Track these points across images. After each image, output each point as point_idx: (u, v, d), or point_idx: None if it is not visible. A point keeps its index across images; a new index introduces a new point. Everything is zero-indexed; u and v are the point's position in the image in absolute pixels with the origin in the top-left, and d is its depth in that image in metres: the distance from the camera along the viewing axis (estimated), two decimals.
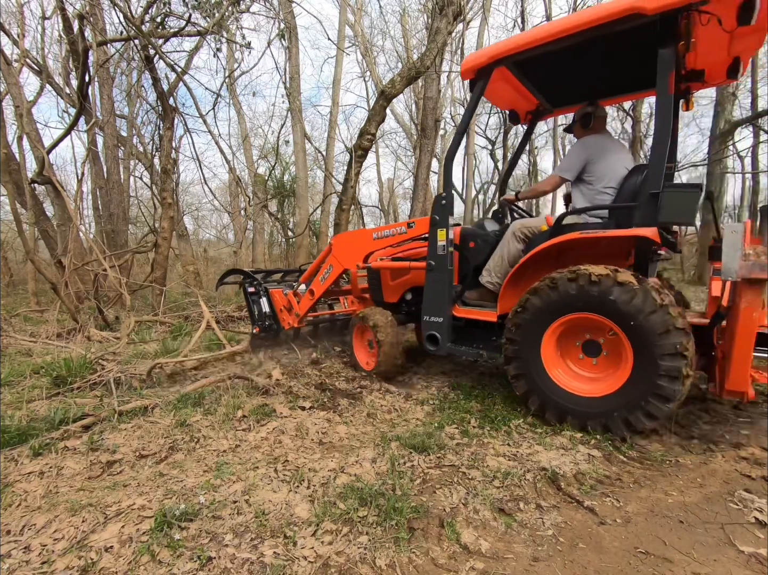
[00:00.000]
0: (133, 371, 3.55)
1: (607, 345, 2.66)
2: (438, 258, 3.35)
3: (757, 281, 2.21)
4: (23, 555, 1.61)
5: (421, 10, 13.08)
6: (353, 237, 4.15)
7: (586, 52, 2.93)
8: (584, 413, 2.64)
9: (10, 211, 5.64)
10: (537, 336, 2.78)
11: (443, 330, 3.38)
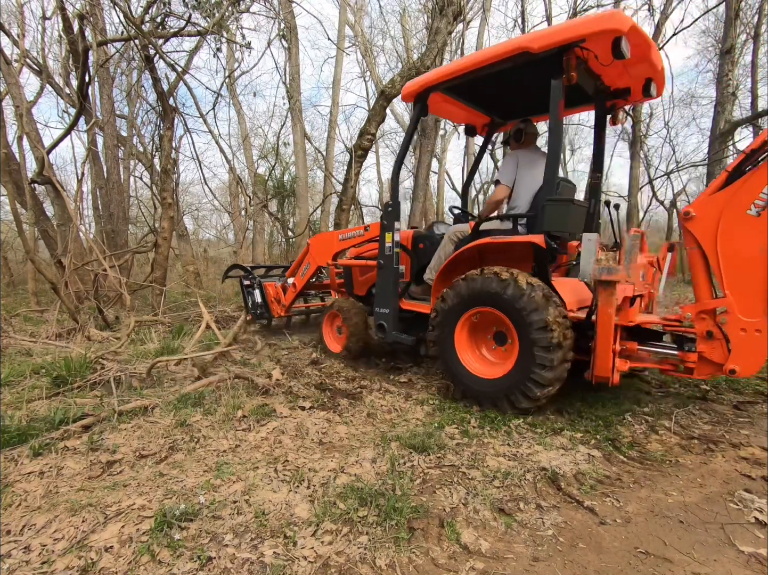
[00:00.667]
0: (133, 371, 3.55)
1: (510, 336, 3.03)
2: (386, 257, 3.79)
3: (608, 283, 2.51)
4: (23, 555, 1.61)
5: (421, 10, 13.07)
6: (324, 238, 4.72)
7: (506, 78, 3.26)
8: (481, 392, 3.06)
9: (10, 211, 5.63)
10: (452, 325, 3.20)
11: (389, 320, 3.83)
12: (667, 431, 2.66)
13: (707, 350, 2.54)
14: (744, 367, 2.43)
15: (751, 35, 13.11)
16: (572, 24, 2.78)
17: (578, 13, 10.71)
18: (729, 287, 2.43)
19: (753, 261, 2.38)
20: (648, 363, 2.86)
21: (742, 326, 2.40)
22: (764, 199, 2.33)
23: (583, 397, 3.18)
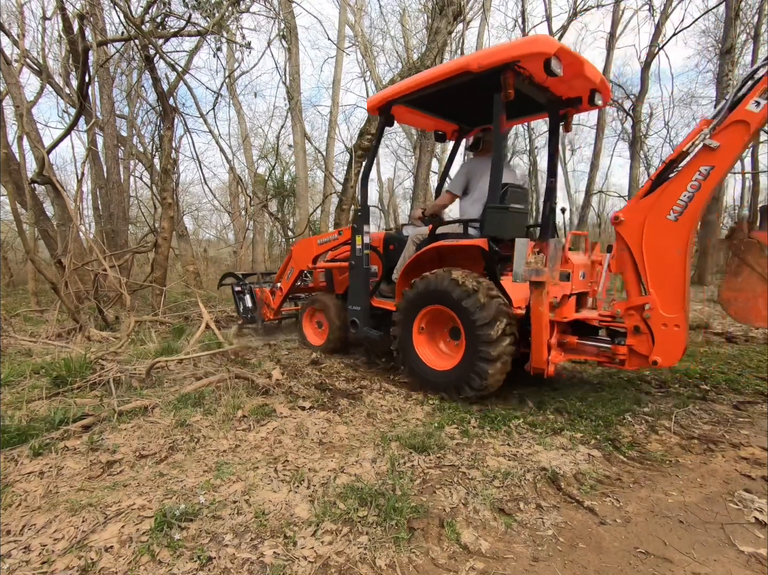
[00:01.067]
0: (133, 371, 3.55)
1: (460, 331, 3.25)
2: (357, 259, 4.06)
3: (537, 283, 2.76)
4: (23, 555, 1.61)
5: (421, 10, 13.07)
6: (304, 243, 4.97)
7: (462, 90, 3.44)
8: (434, 382, 3.33)
9: (10, 211, 5.63)
10: (410, 321, 3.48)
11: (361, 316, 4.10)
12: (667, 431, 2.66)
13: (635, 343, 2.74)
14: (665, 359, 2.64)
15: (751, 35, 13.11)
16: (506, 47, 3.02)
17: (578, 13, 10.72)
18: (653, 286, 2.65)
19: (672, 262, 2.62)
20: (586, 355, 3.10)
21: (663, 321, 2.62)
22: (681, 206, 2.55)
23: (583, 397, 3.18)
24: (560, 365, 4.13)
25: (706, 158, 2.49)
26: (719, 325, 5.85)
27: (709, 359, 4.21)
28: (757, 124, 2.37)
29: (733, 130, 2.43)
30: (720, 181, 2.60)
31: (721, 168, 2.49)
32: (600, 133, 16.77)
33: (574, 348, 3.08)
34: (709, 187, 2.50)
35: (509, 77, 2.96)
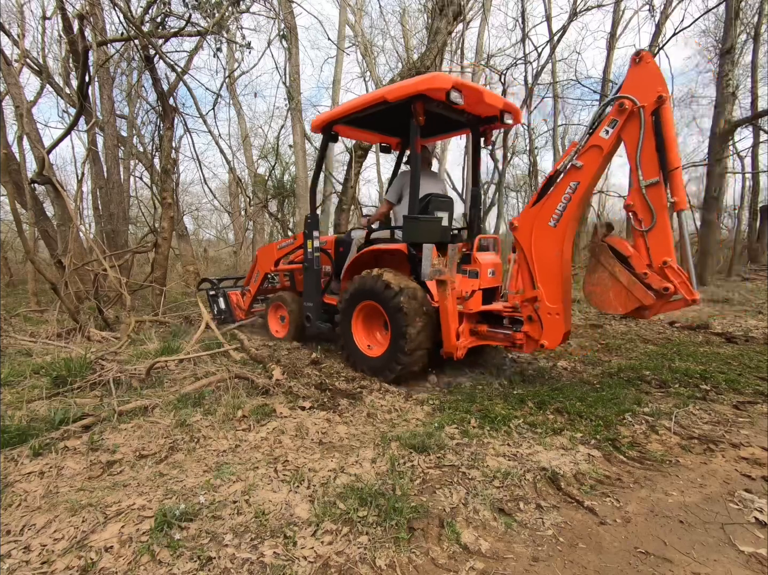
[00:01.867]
0: (132, 371, 3.55)
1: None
2: (309, 261, 4.59)
3: (441, 282, 3.25)
4: (23, 555, 1.61)
5: (421, 10, 13.07)
6: (267, 249, 5.59)
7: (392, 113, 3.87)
8: (367, 366, 3.84)
9: (10, 211, 5.63)
10: (350, 315, 3.99)
11: (314, 311, 4.62)
12: (667, 431, 2.66)
13: (530, 330, 3.29)
14: (550, 342, 3.20)
15: (751, 35, 13.11)
16: (412, 82, 3.53)
17: (578, 13, 10.71)
18: (540, 281, 3.18)
19: (553, 263, 3.14)
20: (495, 341, 3.66)
21: (548, 311, 3.17)
22: (558, 214, 3.09)
23: (583, 397, 3.18)
24: (560, 366, 4.13)
25: (574, 175, 3.04)
26: (719, 325, 5.85)
27: (709, 359, 4.21)
28: (607, 148, 2.93)
29: (591, 153, 2.98)
30: (586, 193, 3.07)
31: (584, 183, 3.01)
32: None
33: (485, 335, 3.66)
34: (577, 198, 3.03)
35: (418, 106, 3.51)
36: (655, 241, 2.76)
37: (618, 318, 6.62)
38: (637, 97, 2.76)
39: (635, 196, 2.83)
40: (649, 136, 2.74)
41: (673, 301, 2.78)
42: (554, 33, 12.07)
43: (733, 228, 19.64)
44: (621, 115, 2.83)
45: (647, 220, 2.78)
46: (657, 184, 2.73)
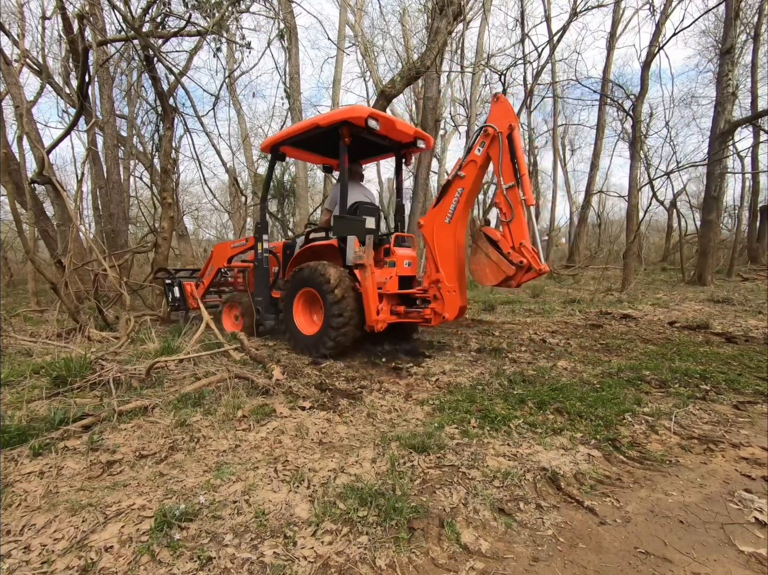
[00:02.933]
0: (132, 371, 3.55)
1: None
2: (259, 260, 5.27)
3: (361, 266, 4.05)
4: (23, 555, 1.61)
5: (421, 10, 13.06)
6: (221, 246, 6.12)
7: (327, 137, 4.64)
8: (303, 344, 4.53)
9: (10, 211, 5.62)
10: (291, 300, 4.70)
11: (263, 305, 5.26)
12: (667, 431, 2.66)
13: (436, 306, 4.10)
14: (450, 314, 4.03)
15: (751, 35, 13.11)
16: (337, 112, 4.32)
17: (578, 13, 10.71)
18: (441, 266, 4.05)
19: (449, 251, 4.03)
20: (411, 319, 4.39)
21: (447, 289, 4.01)
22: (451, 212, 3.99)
23: (583, 397, 3.17)
24: (560, 366, 4.13)
25: (460, 183, 3.97)
26: (719, 325, 5.85)
27: (709, 359, 4.21)
28: (480, 161, 3.85)
29: (470, 166, 3.91)
30: (469, 195, 3.97)
31: (467, 188, 3.93)
32: (600, 133, 16.77)
33: (403, 314, 4.40)
34: (463, 200, 3.95)
35: (344, 130, 4.26)
36: (515, 228, 3.59)
37: (618, 318, 6.62)
38: (497, 125, 3.71)
39: (500, 196, 3.69)
40: (506, 152, 3.65)
41: (529, 273, 3.57)
42: (554, 33, 12.07)
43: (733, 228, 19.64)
44: (487, 138, 3.79)
45: (508, 213, 3.61)
46: (513, 187, 3.59)
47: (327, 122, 4.30)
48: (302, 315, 4.69)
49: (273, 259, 5.45)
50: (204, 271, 6.41)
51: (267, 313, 5.22)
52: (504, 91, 10.95)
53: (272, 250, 5.44)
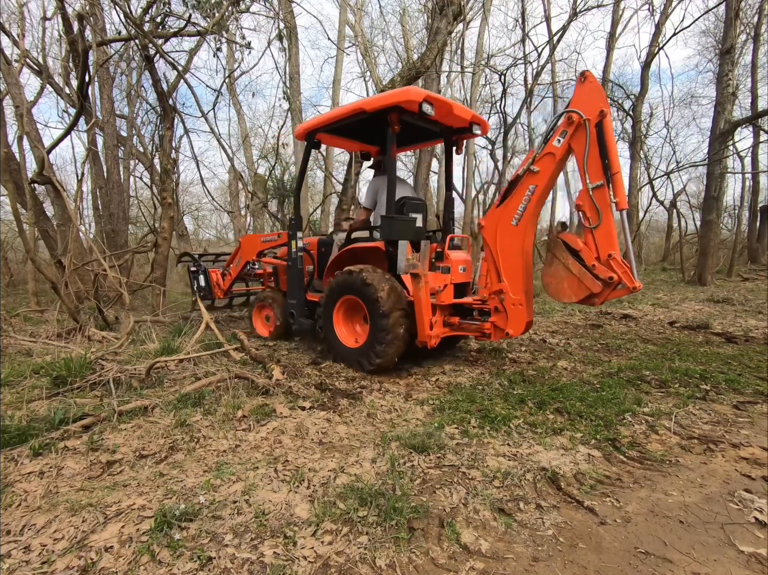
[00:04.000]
0: (132, 371, 3.55)
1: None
2: (293, 260, 4.78)
3: (415, 275, 3.54)
4: (23, 555, 1.61)
5: (421, 10, 13.07)
6: (251, 239, 5.68)
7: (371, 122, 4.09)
8: (346, 357, 4.08)
9: (11, 211, 5.63)
10: (331, 308, 4.19)
11: (297, 309, 4.80)
12: (667, 431, 2.66)
13: (497, 320, 3.61)
14: (514, 330, 3.52)
15: (751, 35, 13.11)
16: (387, 95, 3.78)
17: (578, 13, 10.71)
18: (504, 275, 3.51)
19: (515, 258, 3.48)
20: (466, 332, 3.93)
21: (512, 302, 3.49)
22: (519, 214, 3.42)
23: (583, 397, 3.18)
24: (560, 366, 4.13)
25: (532, 179, 3.38)
26: (719, 325, 5.85)
27: (709, 359, 4.21)
28: (560, 155, 3.25)
29: (546, 160, 3.32)
30: (542, 194, 3.40)
31: (541, 186, 3.35)
32: None
33: (457, 326, 3.91)
34: (535, 200, 3.38)
35: (394, 116, 3.75)
36: (602, 237, 3.09)
37: (618, 318, 6.62)
38: (583, 111, 3.10)
39: (584, 198, 3.14)
40: (593, 145, 3.09)
41: (618, 290, 3.10)
42: (554, 33, 12.07)
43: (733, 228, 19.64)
44: (570, 127, 3.18)
45: (594, 218, 3.10)
46: (602, 187, 3.06)
47: (374, 107, 3.80)
48: (343, 325, 4.22)
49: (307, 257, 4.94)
50: (231, 261, 6.10)
51: (302, 317, 4.76)
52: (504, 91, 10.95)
53: (306, 247, 4.91)
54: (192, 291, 6.40)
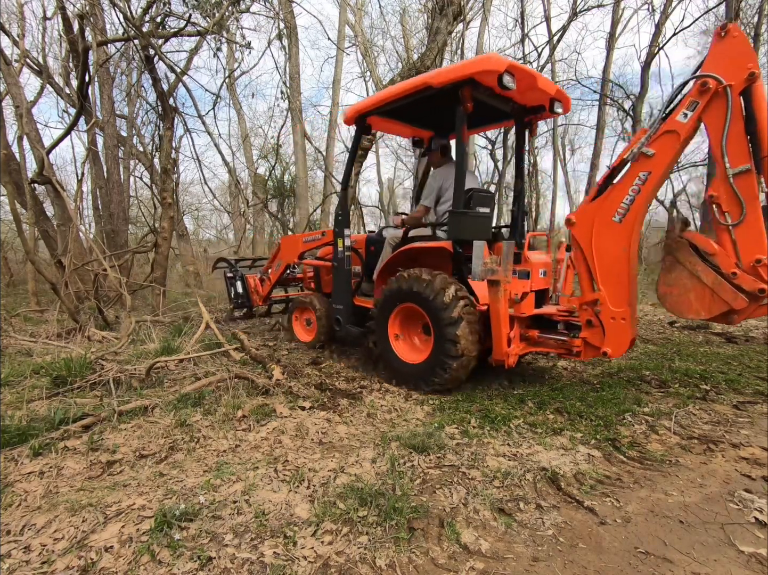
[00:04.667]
0: (132, 371, 3.55)
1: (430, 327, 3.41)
2: (339, 260, 4.26)
3: (494, 282, 2.97)
4: (23, 555, 1.61)
5: (421, 10, 13.06)
6: (292, 239, 5.26)
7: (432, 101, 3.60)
8: (405, 373, 3.55)
9: (10, 211, 5.63)
10: (386, 317, 3.67)
11: (343, 314, 4.30)
12: (667, 431, 2.66)
13: (589, 336, 2.98)
14: (614, 349, 2.88)
15: (751, 35, 13.10)
16: (461, 65, 3.22)
17: (578, 13, 10.71)
18: (602, 282, 2.87)
19: (618, 260, 2.83)
20: (547, 348, 3.32)
21: (612, 315, 2.85)
22: (624, 208, 2.77)
23: (583, 397, 3.18)
24: (560, 366, 4.13)
25: (644, 165, 2.71)
26: (719, 325, 5.85)
27: (709, 359, 4.21)
28: (685, 134, 2.60)
29: (665, 139, 2.66)
30: (657, 184, 2.77)
31: (657, 173, 2.70)
32: (600, 133, 16.76)
33: (536, 341, 3.34)
34: (647, 190, 2.74)
35: (466, 91, 3.19)
36: (745, 237, 2.42)
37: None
38: (723, 75, 2.42)
39: (720, 186, 2.48)
40: (737, 119, 2.41)
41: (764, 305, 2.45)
42: (554, 33, 12.08)
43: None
44: (703, 97, 2.48)
45: (735, 212, 2.44)
46: (747, 172, 2.40)
47: (444, 81, 3.23)
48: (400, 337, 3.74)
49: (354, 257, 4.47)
50: (269, 266, 5.72)
51: (349, 324, 4.28)
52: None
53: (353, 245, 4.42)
54: (229, 299, 6.11)
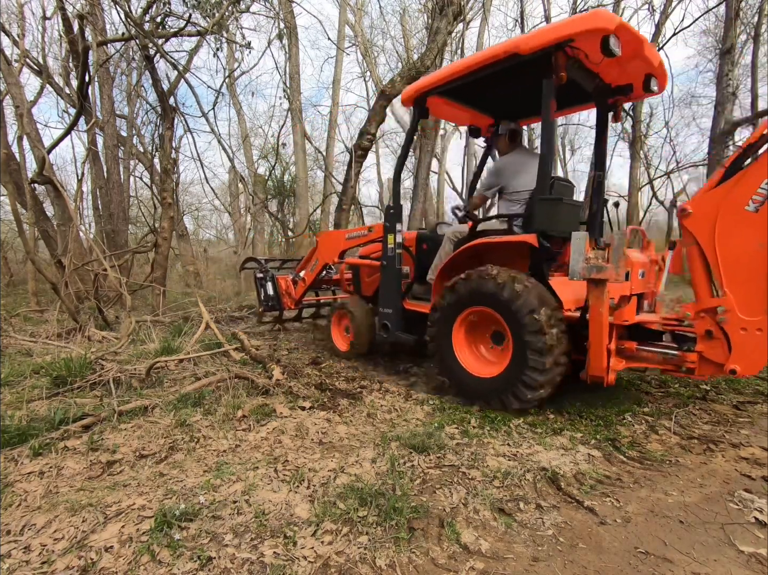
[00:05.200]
0: (132, 371, 3.55)
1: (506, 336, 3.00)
2: (389, 258, 3.83)
3: (598, 281, 2.49)
4: (23, 555, 1.61)
5: (421, 10, 13.07)
6: (331, 236, 4.89)
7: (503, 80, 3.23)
8: (475, 389, 3.08)
9: (10, 211, 5.63)
10: (450, 323, 3.23)
11: (393, 320, 3.88)
12: (667, 431, 2.66)
13: (707, 350, 2.47)
14: (745, 367, 2.36)
15: (751, 35, 13.10)
16: (559, 24, 2.73)
17: (578, 14, 10.71)
18: (728, 285, 2.35)
19: (752, 258, 2.30)
20: (648, 363, 2.77)
21: (742, 325, 2.32)
22: (763, 194, 2.23)
23: (583, 397, 3.17)
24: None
25: None
26: None
27: None
28: None
29: None
30: None
31: None
32: None
33: (632, 354, 2.75)
34: None
35: (561, 58, 2.70)
36: None
37: None
38: None
39: None
40: None
41: None
42: None
43: None
44: None
45: None
46: None
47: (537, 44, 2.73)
48: (465, 347, 3.25)
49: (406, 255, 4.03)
50: (304, 265, 5.27)
51: (398, 331, 3.87)
52: None
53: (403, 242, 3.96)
54: (258, 302, 5.71)
